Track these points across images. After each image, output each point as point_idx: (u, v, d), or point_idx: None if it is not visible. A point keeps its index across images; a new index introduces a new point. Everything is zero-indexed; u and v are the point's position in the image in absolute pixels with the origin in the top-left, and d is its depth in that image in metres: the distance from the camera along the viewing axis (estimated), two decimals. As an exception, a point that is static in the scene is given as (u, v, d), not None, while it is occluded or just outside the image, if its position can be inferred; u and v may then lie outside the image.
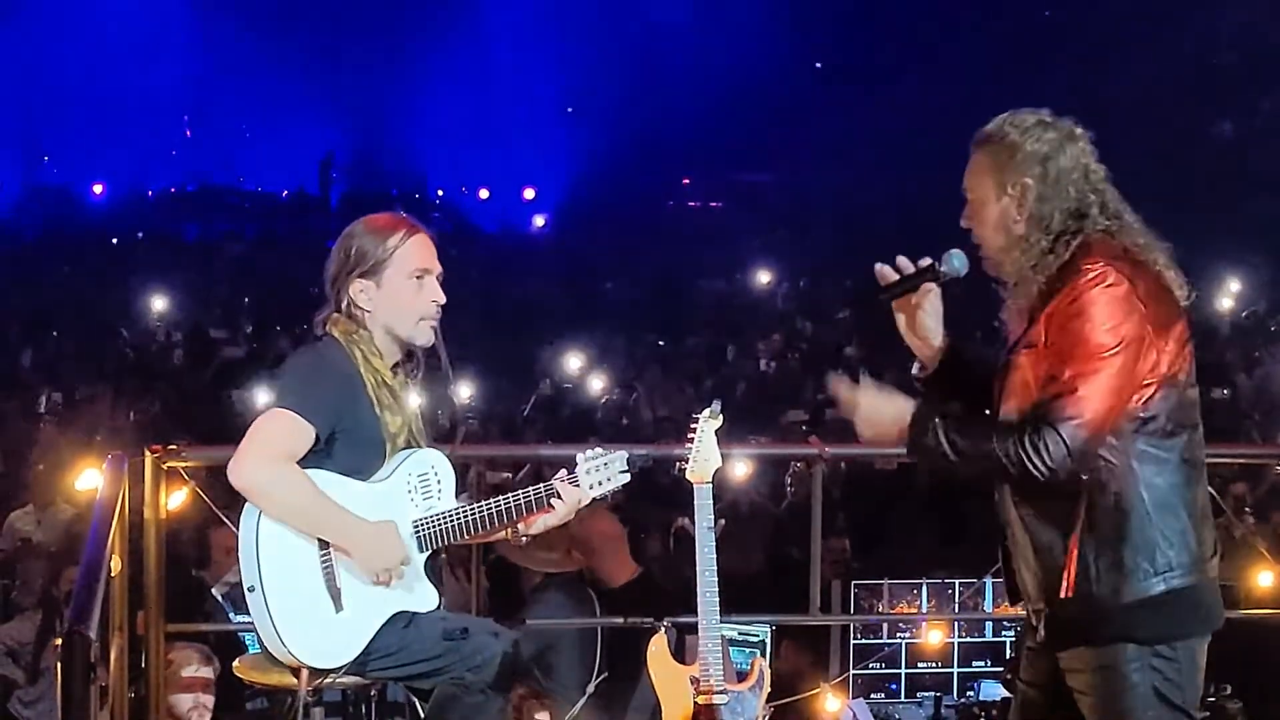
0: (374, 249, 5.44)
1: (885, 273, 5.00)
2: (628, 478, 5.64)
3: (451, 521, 5.44)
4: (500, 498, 5.50)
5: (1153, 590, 4.54)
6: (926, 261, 4.97)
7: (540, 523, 5.60)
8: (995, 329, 4.95)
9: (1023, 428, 4.52)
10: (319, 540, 5.27)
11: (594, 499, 5.65)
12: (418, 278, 5.49)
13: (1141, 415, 4.56)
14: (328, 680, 5.34)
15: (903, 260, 4.98)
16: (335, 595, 5.26)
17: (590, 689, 7.74)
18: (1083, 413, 4.45)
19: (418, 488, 5.44)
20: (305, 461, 5.25)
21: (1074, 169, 4.72)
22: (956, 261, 4.93)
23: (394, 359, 5.52)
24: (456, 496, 5.56)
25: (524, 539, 5.72)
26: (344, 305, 5.47)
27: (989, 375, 4.90)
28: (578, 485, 5.56)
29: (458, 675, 5.34)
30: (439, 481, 5.49)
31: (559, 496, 5.53)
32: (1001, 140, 4.77)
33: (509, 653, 5.40)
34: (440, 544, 5.47)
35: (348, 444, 5.34)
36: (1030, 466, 4.47)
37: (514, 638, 5.48)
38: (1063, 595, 4.61)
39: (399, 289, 5.45)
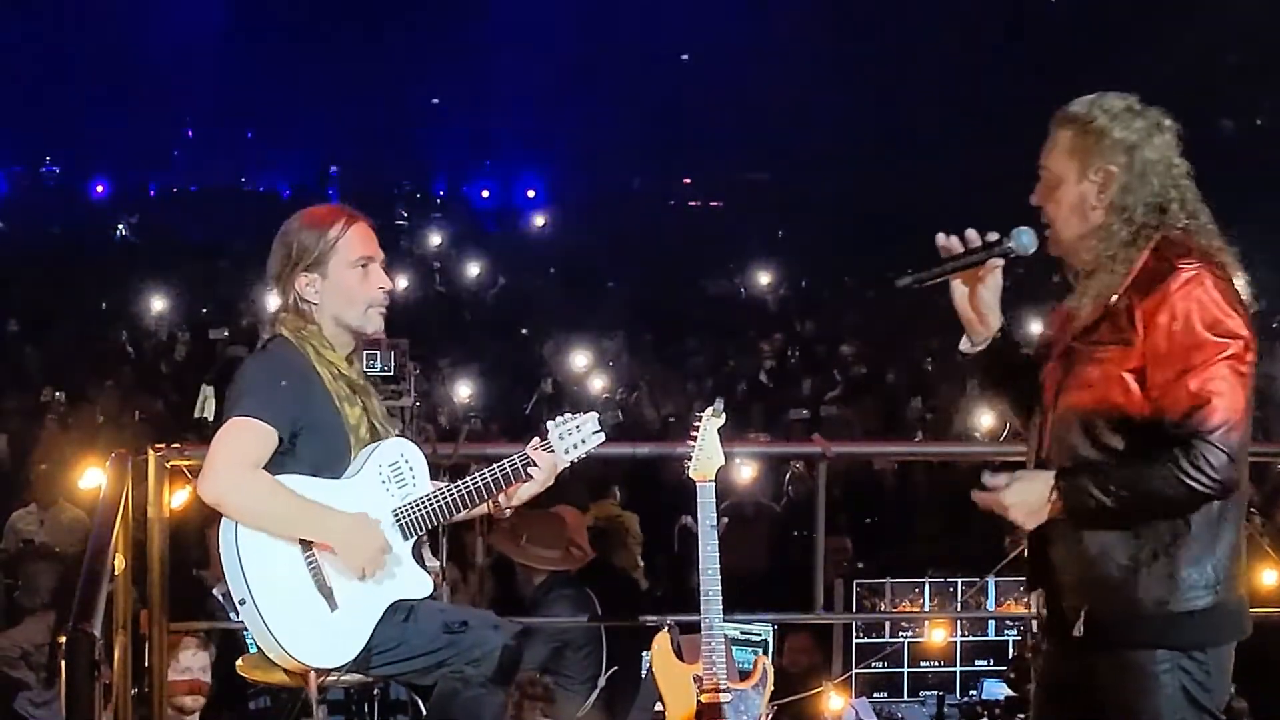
0: (315, 241, 5.42)
1: (950, 244, 4.88)
2: (602, 437, 5.64)
3: (432, 505, 5.43)
4: (477, 474, 5.50)
5: (1199, 603, 4.51)
6: (994, 236, 4.85)
7: (522, 493, 5.61)
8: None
9: (1172, 452, 4.41)
10: (301, 541, 5.25)
11: (572, 462, 5.64)
12: (362, 265, 5.46)
13: None
14: (332, 679, 5.34)
15: (971, 233, 4.85)
16: (327, 594, 5.25)
17: (601, 683, 7.77)
18: (1227, 418, 4.39)
19: (390, 478, 5.42)
20: (271, 464, 5.23)
21: (1159, 160, 4.64)
22: (1025, 238, 4.80)
23: (346, 350, 5.51)
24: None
25: (507, 511, 5.71)
26: (291, 301, 5.46)
27: (1033, 359, 4.89)
28: (552, 450, 5.57)
29: (457, 669, 5.32)
30: (411, 468, 5.47)
31: (535, 464, 5.53)
32: (1089, 123, 4.67)
33: (509, 646, 5.38)
34: (424, 528, 5.47)
35: (311, 441, 5.32)
36: (1199, 486, 4.39)
37: (514, 631, 5.46)
38: (1112, 599, 4.57)
39: (344, 278, 5.43)
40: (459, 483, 5.48)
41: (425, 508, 5.43)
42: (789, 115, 36.40)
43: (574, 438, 5.60)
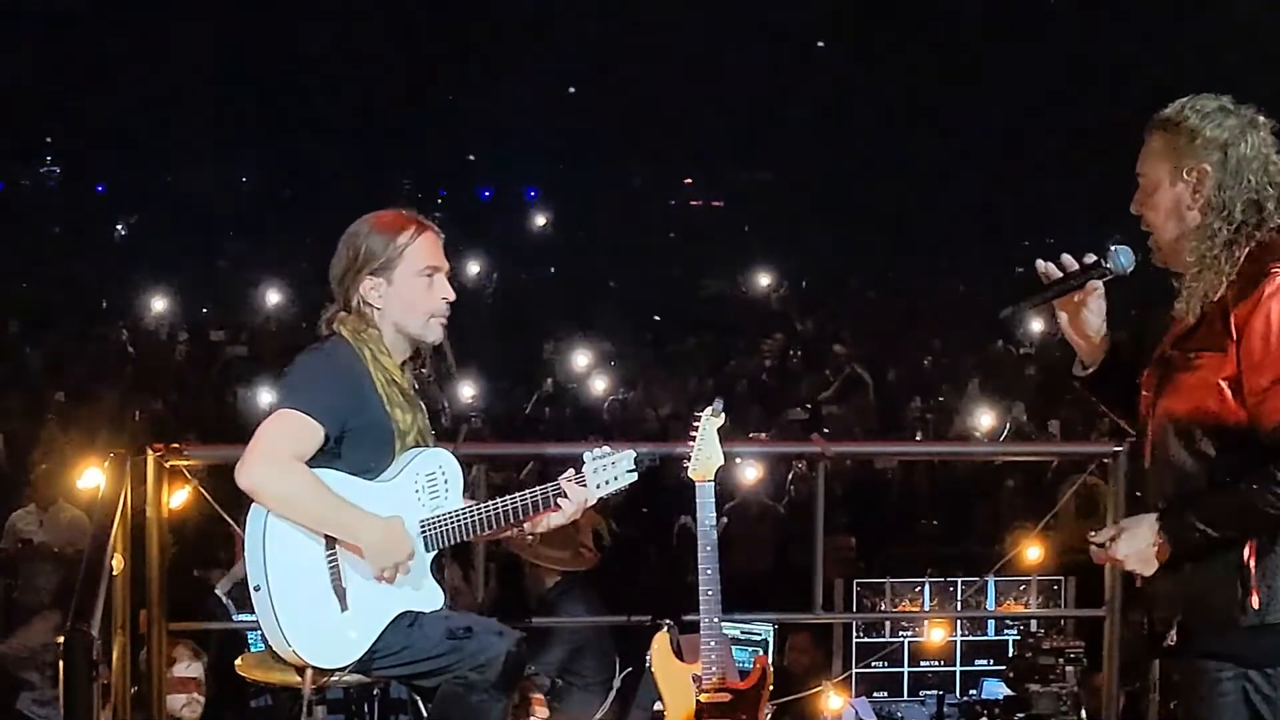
0: (384, 247, 5.42)
1: (1049, 270, 4.79)
2: (634, 477, 5.62)
3: (458, 521, 5.43)
4: (507, 497, 5.48)
5: (1272, 618, 4.47)
6: (1091, 259, 4.77)
7: (546, 521, 5.59)
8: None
9: (1268, 469, 4.36)
10: (325, 539, 5.25)
11: (600, 498, 5.64)
12: (428, 275, 5.48)
13: None
14: (332, 679, 5.33)
15: (1067, 258, 4.79)
16: (340, 595, 5.25)
17: (617, 683, 7.77)
18: None
19: (425, 487, 5.42)
20: (315, 461, 5.23)
21: (1254, 157, 4.57)
22: (1123, 258, 4.74)
23: (402, 357, 5.50)
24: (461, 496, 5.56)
25: (530, 538, 5.74)
26: (354, 304, 5.45)
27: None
28: (584, 485, 5.55)
29: (461, 674, 5.32)
30: (446, 481, 5.47)
31: (565, 496, 5.51)
32: (1180, 124, 4.62)
33: (513, 652, 5.38)
34: (446, 544, 5.46)
35: (357, 443, 5.32)
36: None
37: (518, 637, 5.45)
38: (1198, 610, 4.56)
39: (410, 286, 5.44)
40: (488, 504, 5.47)
41: (452, 523, 5.44)
42: (790, 115, 36.43)
43: (607, 473, 5.59)
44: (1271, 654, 4.49)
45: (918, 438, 15.56)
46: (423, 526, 5.41)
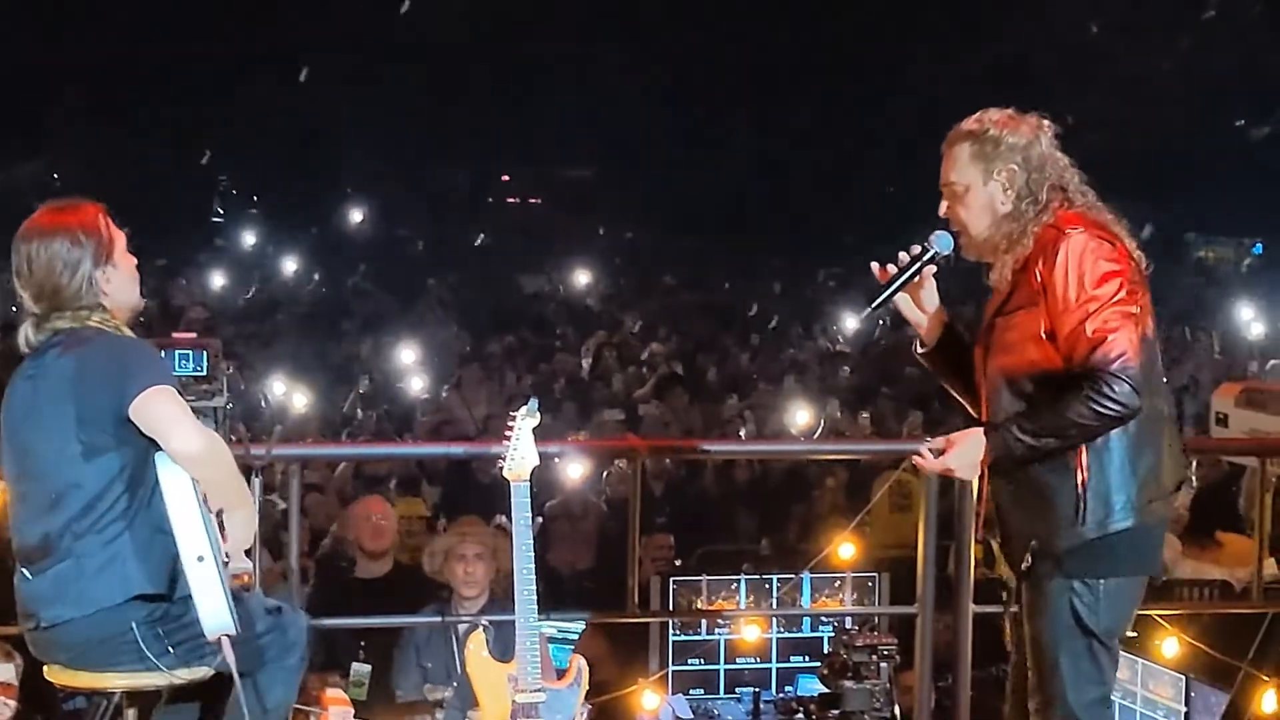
0: (100, 241, 5.37)
1: (887, 269, 5.50)
2: None
3: None
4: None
5: (1091, 534, 5.21)
6: (917, 249, 5.49)
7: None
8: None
9: (1081, 386, 5.08)
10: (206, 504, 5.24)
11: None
12: (127, 248, 5.51)
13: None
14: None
15: (903, 255, 5.48)
16: (220, 559, 5.25)
17: (454, 683, 7.77)
18: (1124, 350, 5.06)
19: None
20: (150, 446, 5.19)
21: (1048, 154, 5.36)
22: (945, 241, 5.48)
23: None
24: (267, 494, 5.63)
25: None
26: (97, 301, 5.35)
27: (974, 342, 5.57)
28: None
29: (276, 654, 5.48)
30: None
31: None
32: (984, 134, 5.34)
33: (309, 625, 5.70)
34: None
35: None
36: (1107, 410, 5.05)
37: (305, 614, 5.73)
38: (1029, 534, 5.32)
39: (125, 263, 5.47)
40: None
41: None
42: (608, 113, 36.55)
43: None
44: (1087, 567, 5.22)
45: (741, 435, 15.62)
46: None
